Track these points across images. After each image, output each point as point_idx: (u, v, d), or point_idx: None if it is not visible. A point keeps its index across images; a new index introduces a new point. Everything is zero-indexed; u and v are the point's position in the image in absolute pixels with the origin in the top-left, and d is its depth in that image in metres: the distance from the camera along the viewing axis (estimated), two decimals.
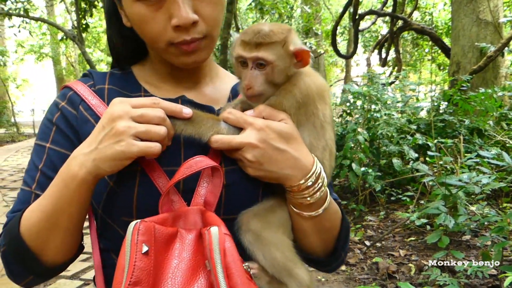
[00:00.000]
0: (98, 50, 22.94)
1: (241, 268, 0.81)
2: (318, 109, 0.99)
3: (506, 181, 3.05)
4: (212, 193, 0.94)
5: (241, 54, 0.94)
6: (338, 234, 1.08)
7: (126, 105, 0.87)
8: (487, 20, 7.15)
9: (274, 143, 0.91)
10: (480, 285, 3.36)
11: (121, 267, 0.79)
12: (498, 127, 5.26)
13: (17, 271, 0.99)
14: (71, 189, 0.89)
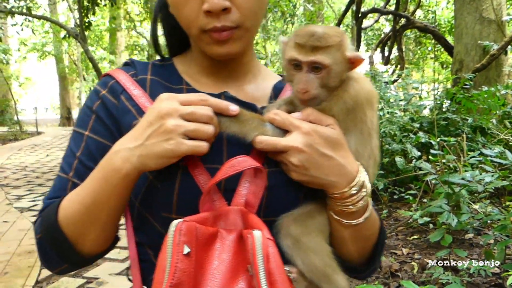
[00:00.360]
0: (101, 48, 22.98)
1: (284, 275, 0.79)
2: (366, 116, 0.97)
3: (509, 179, 3.05)
4: (254, 194, 0.92)
5: (296, 58, 0.91)
6: (376, 242, 1.06)
7: (175, 102, 0.86)
8: (490, 18, 7.13)
9: (320, 148, 0.88)
10: (483, 283, 3.36)
11: (161, 267, 0.78)
12: (501, 126, 5.25)
13: (52, 258, 0.98)
14: (113, 183, 0.88)
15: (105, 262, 4.71)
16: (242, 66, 1.12)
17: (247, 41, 1.03)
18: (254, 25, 1.01)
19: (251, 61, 1.14)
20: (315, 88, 0.91)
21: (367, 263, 1.07)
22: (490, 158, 3.21)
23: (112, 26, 19.00)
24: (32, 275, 4.33)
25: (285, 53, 0.95)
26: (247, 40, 1.02)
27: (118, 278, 4.29)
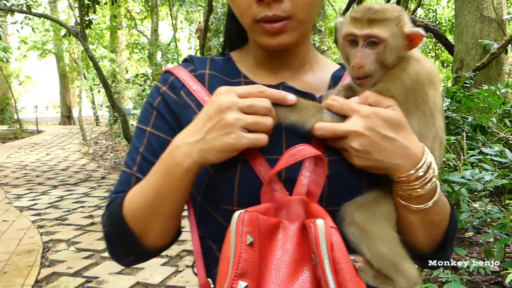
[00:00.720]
0: (102, 47, 22.97)
1: (349, 263, 0.78)
2: (428, 96, 0.93)
3: (509, 178, 3.04)
4: (316, 184, 0.90)
5: (352, 32, 0.89)
6: (447, 229, 1.02)
7: (233, 96, 0.86)
8: (490, 17, 7.12)
9: (382, 131, 0.85)
10: (482, 281, 3.36)
11: (226, 258, 0.78)
12: (501, 124, 5.24)
13: (119, 251, 1.01)
14: (176, 177, 0.89)
15: (105, 261, 4.72)
16: (298, 58, 1.11)
17: (300, 33, 1.01)
18: (307, 17, 1.00)
19: (307, 53, 1.13)
20: (371, 63, 0.88)
21: (437, 252, 1.04)
22: (489, 157, 3.21)
23: (113, 25, 18.99)
24: (32, 275, 4.34)
25: (341, 31, 0.93)
26: (300, 32, 1.01)
27: (118, 277, 4.29)
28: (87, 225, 6.09)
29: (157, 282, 4.14)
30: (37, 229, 5.92)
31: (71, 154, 14.22)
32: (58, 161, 12.68)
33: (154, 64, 16.17)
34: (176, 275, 4.32)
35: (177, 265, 4.53)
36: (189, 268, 4.46)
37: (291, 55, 1.10)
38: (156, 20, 18.71)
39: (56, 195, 8.11)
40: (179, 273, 4.36)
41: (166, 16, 22.55)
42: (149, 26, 20.51)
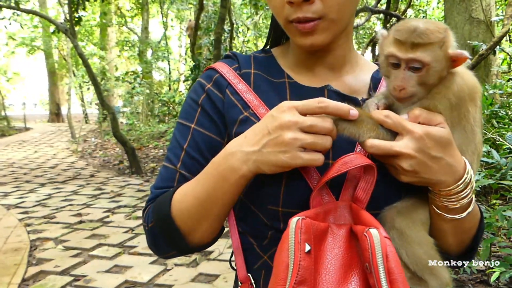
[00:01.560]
0: (91, 44, 22.78)
1: (403, 273, 0.79)
2: (469, 113, 0.94)
3: (495, 178, 3.07)
4: (364, 190, 0.92)
5: (395, 54, 0.89)
6: (475, 234, 1.06)
7: (295, 114, 0.85)
8: (479, 19, 7.17)
9: (431, 152, 0.87)
10: (468, 280, 3.39)
11: (283, 264, 0.79)
12: (489, 125, 5.28)
13: (162, 246, 1.03)
14: (229, 182, 0.92)
15: (93, 259, 4.70)
16: (338, 58, 1.12)
17: (334, 33, 1.02)
18: (340, 17, 1.00)
19: (348, 53, 1.14)
20: (412, 85, 0.89)
21: (464, 254, 1.07)
22: None
23: (103, 22, 18.86)
24: (18, 273, 4.30)
25: (383, 48, 0.93)
26: (334, 32, 1.01)
27: (106, 275, 4.28)
28: (75, 223, 6.06)
29: (146, 280, 4.13)
30: (24, 227, 5.88)
31: (59, 151, 14.11)
32: (46, 159, 12.58)
33: (144, 62, 16.13)
34: (164, 274, 4.31)
35: (166, 264, 4.52)
36: (178, 266, 4.46)
37: (330, 55, 1.10)
38: (147, 17, 18.64)
39: (44, 193, 8.06)
40: (168, 272, 4.35)
41: (156, 13, 22.43)
42: (140, 24, 20.42)
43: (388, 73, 0.93)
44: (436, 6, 15.55)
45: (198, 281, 4.14)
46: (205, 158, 1.04)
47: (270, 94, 1.05)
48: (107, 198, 7.64)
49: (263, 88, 1.06)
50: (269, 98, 1.04)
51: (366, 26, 15.51)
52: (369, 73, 1.16)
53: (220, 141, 1.06)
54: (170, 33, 22.06)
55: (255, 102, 1.02)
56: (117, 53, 21.55)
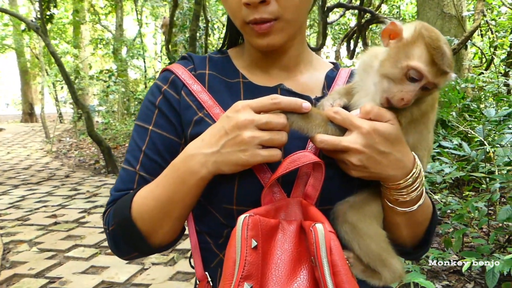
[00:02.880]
0: (64, 42, 22.38)
1: (346, 266, 0.82)
2: (429, 120, 1.00)
3: (466, 170, 3.13)
4: (313, 187, 0.95)
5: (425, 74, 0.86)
6: (428, 227, 1.09)
7: (250, 112, 0.88)
8: (451, 14, 7.30)
9: (380, 147, 0.89)
10: (442, 270, 3.46)
11: (231, 260, 0.81)
12: (461, 118, 5.38)
13: (123, 248, 1.04)
14: (189, 184, 0.93)
15: (68, 261, 4.63)
16: (293, 58, 1.14)
17: (289, 34, 1.04)
18: (295, 18, 1.02)
19: (302, 53, 1.16)
20: (413, 99, 0.90)
21: (419, 246, 1.11)
22: (448, 150, 3.29)
23: (76, 19, 18.55)
24: None
25: (408, 54, 0.88)
26: (289, 32, 1.03)
27: (82, 276, 4.22)
28: (50, 224, 5.95)
29: (123, 280, 4.09)
30: None
31: (33, 152, 13.85)
32: (19, 160, 12.33)
33: (119, 60, 15.93)
34: (142, 273, 4.27)
35: (143, 263, 4.48)
36: (155, 265, 4.43)
37: (285, 55, 1.12)
38: (121, 15, 18.41)
39: (18, 194, 7.88)
40: (145, 271, 4.31)
41: (131, 11, 22.17)
42: (114, 21, 20.14)
43: (397, 79, 0.90)
44: (410, 1, 15.73)
45: (176, 279, 4.12)
46: (164, 159, 1.05)
47: (224, 94, 1.06)
48: (83, 198, 7.52)
49: (217, 88, 1.07)
50: (223, 98, 1.05)
51: (341, 21, 15.62)
52: (323, 72, 1.18)
53: (179, 142, 1.07)
54: (145, 30, 21.85)
55: (210, 103, 1.04)
56: (91, 51, 21.23)
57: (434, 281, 3.36)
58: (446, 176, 3.03)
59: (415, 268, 2.78)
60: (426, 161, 1.04)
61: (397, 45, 0.91)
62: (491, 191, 3.06)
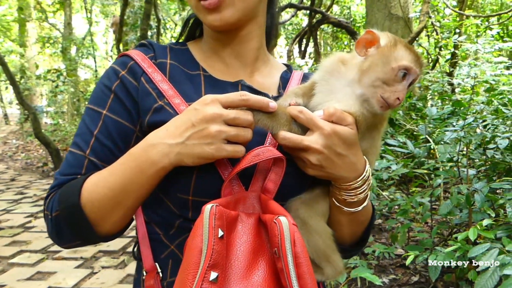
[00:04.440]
0: (9, 40, 21.49)
1: (307, 257, 0.84)
2: (382, 126, 1.05)
3: (410, 166, 3.23)
4: (273, 182, 0.96)
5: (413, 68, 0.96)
6: (368, 226, 1.14)
7: (219, 106, 0.88)
8: (398, 15, 7.51)
9: (337, 149, 0.93)
10: (389, 265, 3.55)
11: (196, 248, 0.81)
12: (407, 117, 5.55)
13: (66, 235, 1.00)
14: (147, 175, 0.92)
15: (13, 267, 4.46)
16: (251, 51, 1.15)
17: (241, 10, 1.04)
18: None
19: (260, 48, 1.17)
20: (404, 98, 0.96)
21: (357, 245, 1.16)
22: (393, 148, 3.39)
23: (21, 17, 17.86)
24: None
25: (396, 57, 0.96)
26: (241, 8, 1.04)
27: (27, 283, 4.07)
28: None
29: (71, 285, 3.98)
30: None
31: None
32: None
33: (68, 59, 15.46)
34: (91, 277, 4.17)
35: (93, 267, 4.38)
36: (105, 269, 4.33)
37: (243, 46, 1.13)
38: (70, 13, 17.86)
39: None
40: (94, 275, 4.21)
41: (80, 9, 21.56)
42: (62, 19, 19.54)
43: (390, 80, 0.96)
44: (360, 2, 16.08)
45: (126, 282, 4.05)
46: (117, 146, 1.03)
47: (185, 85, 1.06)
48: (30, 202, 7.27)
49: (178, 78, 1.06)
50: (185, 89, 1.05)
51: (294, 21, 15.78)
52: (278, 72, 1.21)
53: (133, 129, 1.05)
54: (95, 29, 21.32)
55: (170, 92, 1.03)
56: (38, 50, 20.51)
57: (382, 275, 3.45)
58: (392, 173, 3.11)
59: (362, 263, 2.85)
60: (373, 166, 1.09)
61: (380, 51, 0.98)
62: (433, 187, 3.17)
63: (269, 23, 1.21)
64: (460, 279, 2.86)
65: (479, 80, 5.29)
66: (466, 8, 9.12)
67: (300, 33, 10.47)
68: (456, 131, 3.10)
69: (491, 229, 2.39)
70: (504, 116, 3.71)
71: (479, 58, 7.50)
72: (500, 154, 3.23)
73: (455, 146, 3.19)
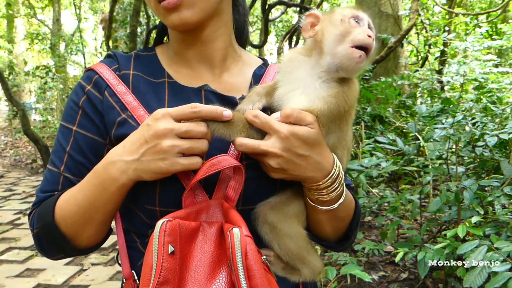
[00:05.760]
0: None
1: (261, 270, 0.83)
2: (350, 116, 1.02)
3: (399, 164, 3.25)
4: (234, 189, 0.96)
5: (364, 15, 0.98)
6: (351, 222, 1.13)
7: (170, 121, 0.87)
8: (388, 13, 7.55)
9: (298, 150, 0.91)
10: (379, 262, 3.57)
11: (148, 265, 0.82)
12: (397, 114, 5.57)
13: (49, 250, 1.04)
14: (110, 191, 0.93)
15: (2, 264, 4.43)
16: (218, 52, 1.13)
17: (202, 9, 1.03)
18: None
19: (228, 47, 1.15)
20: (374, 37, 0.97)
21: (342, 241, 1.16)
22: (383, 145, 3.40)
23: (9, 13, 17.65)
24: None
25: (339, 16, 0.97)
26: (202, 7, 1.03)
27: (16, 280, 4.05)
28: None
29: (60, 282, 3.97)
30: None
31: None
32: None
33: (57, 56, 15.33)
34: (80, 274, 4.15)
35: (82, 264, 4.36)
36: (94, 266, 4.31)
37: (209, 47, 1.12)
38: (58, 9, 17.70)
39: None
40: (84, 272, 4.20)
41: (69, 5, 21.37)
42: (51, 15, 19.35)
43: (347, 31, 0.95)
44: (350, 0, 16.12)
45: (116, 279, 4.04)
46: (89, 160, 1.04)
47: (149, 96, 1.06)
48: (19, 199, 7.22)
49: (142, 89, 1.06)
50: (148, 100, 1.05)
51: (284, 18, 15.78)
52: (251, 69, 1.18)
53: (103, 142, 1.06)
54: (84, 25, 21.14)
55: (134, 104, 1.03)
56: (27, 46, 20.30)
57: (371, 272, 3.47)
58: (382, 171, 3.13)
59: (352, 260, 2.86)
60: (346, 160, 1.08)
61: (324, 20, 1.00)
62: (423, 184, 3.19)
63: (237, 19, 1.20)
64: (449, 275, 2.88)
65: (468, 78, 5.33)
66: (455, 6, 9.18)
67: (290, 30, 10.45)
68: (446, 129, 3.11)
69: (480, 226, 2.42)
70: (492, 114, 3.74)
71: (468, 56, 7.55)
72: (489, 151, 3.26)
73: (444, 144, 3.21)
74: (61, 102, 16.04)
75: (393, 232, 3.11)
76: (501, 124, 3.62)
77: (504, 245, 1.95)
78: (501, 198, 2.47)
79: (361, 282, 3.26)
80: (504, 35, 8.50)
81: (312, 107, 0.94)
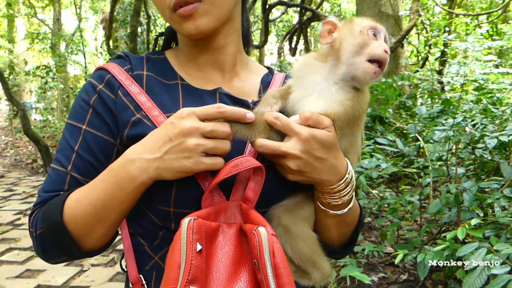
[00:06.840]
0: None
1: (287, 268, 0.83)
2: (362, 122, 1.04)
3: (399, 165, 3.25)
4: (253, 191, 0.96)
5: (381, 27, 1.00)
6: (356, 227, 1.14)
7: (195, 120, 0.88)
8: (388, 13, 7.54)
9: (316, 153, 0.92)
10: (379, 263, 3.57)
11: (175, 263, 0.81)
12: (397, 115, 5.57)
13: (52, 252, 1.00)
14: (127, 190, 0.91)
15: (2, 265, 4.43)
16: (229, 57, 1.14)
17: (217, 17, 1.04)
18: (221, 1, 1.03)
19: (237, 53, 1.16)
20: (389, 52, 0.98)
21: (346, 246, 1.16)
22: (383, 146, 3.40)
23: (9, 12, 17.65)
24: None
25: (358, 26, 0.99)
26: (216, 16, 1.03)
27: (16, 281, 4.05)
28: None
29: (60, 283, 3.97)
30: None
31: None
32: None
33: (58, 55, 15.33)
34: (80, 275, 4.15)
35: (82, 265, 4.36)
36: (94, 266, 4.31)
37: (221, 53, 1.12)
38: (59, 8, 17.70)
39: None
40: (84, 273, 4.20)
41: (70, 4, 21.37)
42: (51, 15, 19.35)
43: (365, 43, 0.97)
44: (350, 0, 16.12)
45: (116, 280, 4.04)
46: (98, 160, 1.03)
47: (163, 96, 1.05)
48: (19, 199, 7.21)
49: (155, 90, 1.06)
50: (162, 100, 1.04)
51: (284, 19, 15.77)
52: (259, 76, 1.20)
53: (113, 143, 1.04)
54: (85, 25, 21.13)
55: (148, 104, 1.02)
56: (27, 46, 20.30)
57: (371, 273, 3.47)
58: (382, 172, 3.13)
59: (352, 262, 2.86)
60: (355, 165, 1.09)
61: (342, 28, 1.02)
62: (423, 186, 3.19)
63: (244, 26, 1.21)
64: (448, 277, 2.88)
65: (469, 79, 5.33)
66: (455, 6, 9.17)
67: (291, 30, 10.46)
68: (446, 130, 3.11)
69: (480, 228, 2.41)
70: (493, 115, 3.74)
71: (469, 56, 7.55)
72: (489, 153, 3.26)
73: (444, 145, 3.21)
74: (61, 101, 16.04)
75: (393, 233, 3.11)
76: (501, 125, 3.62)
77: (503, 247, 1.95)
78: (501, 200, 2.47)
79: (361, 284, 3.26)
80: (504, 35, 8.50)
81: (329, 111, 0.96)
